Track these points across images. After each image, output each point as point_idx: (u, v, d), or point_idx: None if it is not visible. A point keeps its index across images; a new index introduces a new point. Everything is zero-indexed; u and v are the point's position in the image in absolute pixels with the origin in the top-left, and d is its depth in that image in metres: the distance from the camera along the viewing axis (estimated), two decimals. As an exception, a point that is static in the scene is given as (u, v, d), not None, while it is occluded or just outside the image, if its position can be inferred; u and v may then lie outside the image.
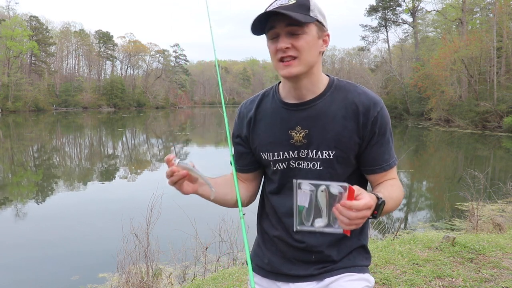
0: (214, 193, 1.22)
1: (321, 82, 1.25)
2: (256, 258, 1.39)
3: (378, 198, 1.06)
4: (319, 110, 1.22)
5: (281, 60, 1.17)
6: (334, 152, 1.20)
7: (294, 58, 1.15)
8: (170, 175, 1.13)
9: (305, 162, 1.23)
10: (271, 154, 1.27)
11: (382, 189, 1.20)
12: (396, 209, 1.26)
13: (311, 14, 1.14)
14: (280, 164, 1.27)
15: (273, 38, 1.17)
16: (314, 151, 1.22)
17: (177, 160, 1.14)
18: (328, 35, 1.23)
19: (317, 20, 1.16)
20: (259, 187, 1.43)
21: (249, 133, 1.32)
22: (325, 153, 1.21)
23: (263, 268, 1.35)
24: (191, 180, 1.19)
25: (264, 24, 1.17)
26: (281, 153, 1.25)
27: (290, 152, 1.24)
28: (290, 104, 1.26)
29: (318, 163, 1.22)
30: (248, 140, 1.33)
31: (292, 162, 1.25)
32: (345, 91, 1.24)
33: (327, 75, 1.29)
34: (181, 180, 1.15)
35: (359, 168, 1.27)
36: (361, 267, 1.29)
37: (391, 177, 1.27)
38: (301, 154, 1.23)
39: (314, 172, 1.22)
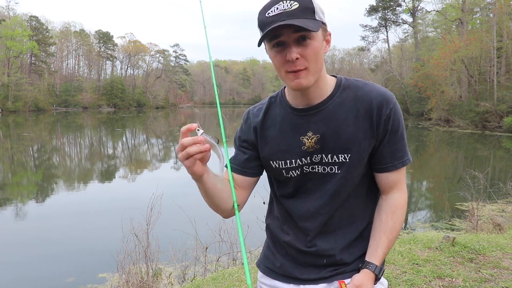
0: (223, 173, 1.14)
1: (328, 84, 1.19)
2: (266, 261, 1.36)
3: (376, 275, 1.16)
4: (330, 113, 1.17)
5: (289, 71, 1.10)
6: (350, 155, 1.16)
7: (303, 69, 1.08)
8: (190, 144, 0.99)
9: (320, 166, 1.19)
10: (282, 162, 1.22)
11: (382, 238, 1.18)
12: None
13: (317, 17, 1.07)
14: (293, 171, 1.22)
15: (278, 47, 1.09)
16: (329, 155, 1.17)
17: (201, 131, 1.00)
18: (330, 35, 1.16)
19: (322, 23, 1.09)
20: (247, 198, 1.34)
21: (257, 141, 1.26)
22: (341, 156, 1.16)
23: (274, 271, 1.32)
24: (203, 160, 1.07)
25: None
26: (293, 160, 1.20)
27: (303, 158, 1.20)
28: (299, 109, 1.20)
29: (336, 167, 1.17)
30: (255, 146, 1.27)
31: (306, 167, 1.21)
32: (354, 89, 1.18)
33: (334, 76, 1.23)
34: (199, 155, 1.01)
35: (370, 167, 1.23)
36: None
37: (398, 185, 1.22)
38: (314, 159, 1.19)
39: (332, 176, 1.19)
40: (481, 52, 29.69)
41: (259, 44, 1.12)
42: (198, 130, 0.99)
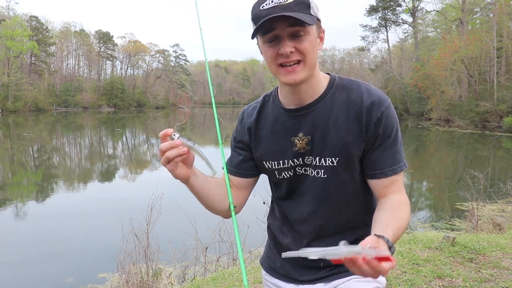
0: (215, 173, 1.16)
1: (320, 83, 1.16)
2: (268, 260, 1.38)
3: (390, 247, 0.92)
4: (320, 114, 1.14)
5: (281, 65, 1.07)
6: (338, 158, 1.12)
7: (298, 62, 1.06)
8: (167, 148, 1.02)
9: (310, 168, 1.17)
10: (275, 162, 1.21)
11: (391, 221, 1.02)
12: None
13: (312, 13, 1.05)
14: (286, 172, 1.21)
15: (271, 41, 1.06)
16: (318, 158, 1.15)
17: (177, 135, 1.03)
18: (324, 32, 1.13)
19: (317, 19, 1.08)
20: (247, 199, 1.34)
21: (251, 141, 1.26)
22: (329, 160, 1.13)
23: (275, 270, 1.34)
24: (187, 163, 1.10)
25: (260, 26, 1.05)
26: (285, 161, 1.19)
27: (295, 159, 1.18)
28: (290, 109, 1.18)
29: (322, 170, 1.15)
30: (250, 147, 1.27)
31: (298, 169, 1.19)
32: (347, 90, 1.15)
33: (328, 74, 1.20)
34: (178, 158, 1.04)
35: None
36: None
37: (395, 189, 1.13)
38: (306, 160, 1.17)
39: (319, 180, 1.16)
40: (481, 52, 29.71)
41: (252, 37, 1.10)
42: (174, 134, 1.02)
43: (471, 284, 3.05)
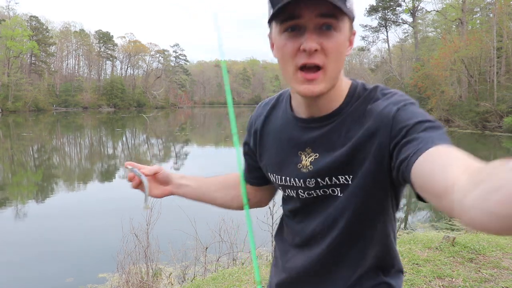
0: (146, 207, 1.20)
1: (341, 91, 0.94)
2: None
3: None
4: (334, 130, 0.93)
5: (302, 68, 0.83)
6: (351, 176, 0.92)
7: (319, 69, 0.83)
8: (128, 180, 1.15)
9: (319, 190, 0.97)
10: (278, 177, 1.03)
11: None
12: None
13: (348, 5, 0.81)
14: (289, 190, 1.02)
15: (292, 31, 0.82)
16: (327, 178, 0.94)
17: (130, 167, 1.15)
18: (354, 34, 0.91)
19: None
20: (269, 196, 1.22)
21: (256, 147, 1.09)
22: (342, 178, 0.93)
23: None
24: (162, 182, 1.14)
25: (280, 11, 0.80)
26: (287, 178, 1.00)
27: (297, 179, 0.98)
28: (300, 119, 0.98)
29: (338, 189, 0.94)
30: (255, 153, 1.10)
31: (301, 191, 0.99)
32: (366, 101, 0.92)
33: (350, 79, 0.99)
34: (141, 186, 1.14)
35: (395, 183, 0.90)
36: None
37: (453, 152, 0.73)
38: (308, 183, 0.96)
39: (335, 199, 0.95)
40: (481, 52, 29.71)
41: (269, 21, 0.87)
42: (127, 167, 1.15)
43: (471, 284, 3.05)
